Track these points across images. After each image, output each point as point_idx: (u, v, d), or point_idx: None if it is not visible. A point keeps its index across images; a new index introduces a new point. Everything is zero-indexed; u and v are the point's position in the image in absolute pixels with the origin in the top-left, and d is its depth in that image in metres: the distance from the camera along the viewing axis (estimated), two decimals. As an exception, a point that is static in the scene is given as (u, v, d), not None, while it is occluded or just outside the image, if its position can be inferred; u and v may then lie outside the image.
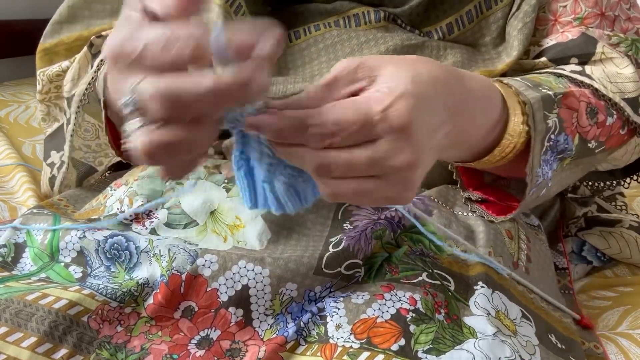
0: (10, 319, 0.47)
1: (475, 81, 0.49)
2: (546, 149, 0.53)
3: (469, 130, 0.48)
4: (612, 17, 0.64)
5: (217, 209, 0.57)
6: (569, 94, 0.56)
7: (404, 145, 0.38)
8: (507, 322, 0.51)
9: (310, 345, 0.49)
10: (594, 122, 0.58)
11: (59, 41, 0.72)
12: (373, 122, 0.37)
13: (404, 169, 0.38)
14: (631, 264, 0.77)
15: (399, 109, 0.37)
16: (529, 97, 0.52)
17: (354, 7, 0.65)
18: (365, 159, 0.37)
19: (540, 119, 0.52)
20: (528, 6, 0.62)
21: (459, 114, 0.44)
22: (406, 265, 0.53)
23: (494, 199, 0.60)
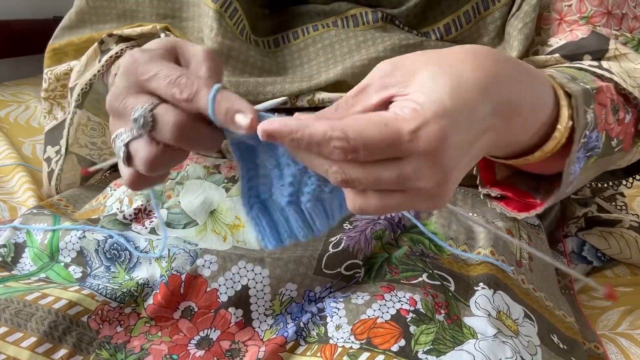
0: (10, 319, 0.47)
1: (534, 75, 0.45)
2: (581, 145, 0.49)
3: (522, 129, 0.44)
4: (619, 16, 0.64)
5: (216, 209, 0.57)
6: (600, 89, 0.53)
7: (431, 168, 0.35)
8: (509, 323, 0.51)
9: (310, 345, 0.49)
10: (616, 119, 0.55)
11: (69, 42, 0.73)
12: (401, 142, 0.34)
13: (431, 190, 0.36)
14: (631, 264, 0.77)
15: (429, 132, 0.34)
16: (573, 90, 0.48)
17: (351, 8, 0.65)
18: (390, 178, 0.35)
19: (582, 114, 0.48)
20: (528, 6, 0.61)
21: (510, 115, 0.40)
22: (406, 265, 0.53)
23: (512, 195, 0.58)
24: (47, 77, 0.74)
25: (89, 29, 0.72)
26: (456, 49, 0.40)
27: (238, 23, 0.64)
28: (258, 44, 0.66)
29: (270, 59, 0.65)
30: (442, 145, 0.34)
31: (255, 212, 0.40)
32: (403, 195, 0.37)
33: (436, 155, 0.35)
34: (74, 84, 0.67)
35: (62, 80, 0.73)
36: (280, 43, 0.66)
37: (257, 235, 0.41)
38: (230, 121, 0.38)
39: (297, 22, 0.66)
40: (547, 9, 0.64)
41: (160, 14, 0.69)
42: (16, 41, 1.42)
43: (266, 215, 0.40)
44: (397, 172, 0.35)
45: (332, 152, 0.35)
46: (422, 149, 0.34)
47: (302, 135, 0.35)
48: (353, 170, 0.35)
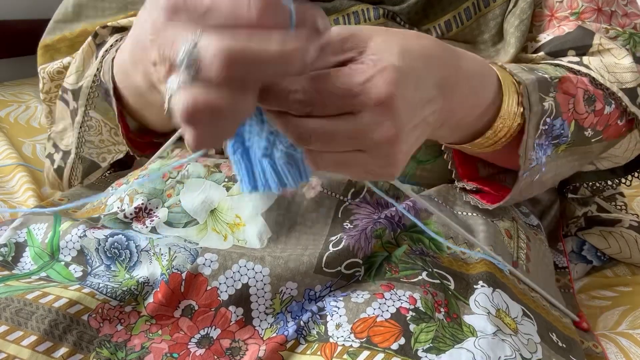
0: (11, 318, 0.47)
1: (471, 60, 0.48)
2: (541, 132, 0.53)
3: (461, 109, 0.47)
4: (608, 13, 0.65)
5: (217, 208, 0.57)
6: (565, 78, 0.56)
7: (384, 120, 0.37)
8: (508, 321, 0.51)
9: (310, 344, 0.49)
10: (592, 109, 0.57)
11: (62, 37, 0.72)
12: (353, 93, 0.36)
13: (384, 143, 0.38)
14: (631, 263, 0.77)
15: (380, 82, 0.36)
16: (523, 78, 0.52)
17: (353, 5, 0.66)
18: (345, 130, 0.37)
19: (536, 101, 0.52)
20: (525, 3, 0.62)
21: (450, 92, 0.44)
22: (406, 264, 0.53)
23: (488, 189, 0.59)
24: (41, 76, 0.73)
25: (84, 23, 0.71)
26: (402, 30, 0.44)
27: None
28: None
29: None
30: (393, 94, 0.37)
31: (237, 156, 0.41)
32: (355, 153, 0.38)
33: (387, 105, 0.37)
34: (77, 87, 0.67)
35: (57, 80, 0.72)
36: None
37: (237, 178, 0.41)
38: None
39: None
40: (540, 6, 0.65)
41: None
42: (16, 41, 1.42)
43: (246, 161, 0.41)
44: (352, 123, 0.37)
45: (291, 105, 0.36)
46: (374, 97, 0.36)
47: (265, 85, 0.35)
48: (309, 122, 0.37)
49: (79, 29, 0.71)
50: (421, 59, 0.40)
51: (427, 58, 0.41)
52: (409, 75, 0.38)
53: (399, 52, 0.38)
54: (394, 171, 0.41)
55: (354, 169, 0.40)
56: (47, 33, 0.73)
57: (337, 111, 0.37)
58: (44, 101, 0.75)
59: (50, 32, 0.73)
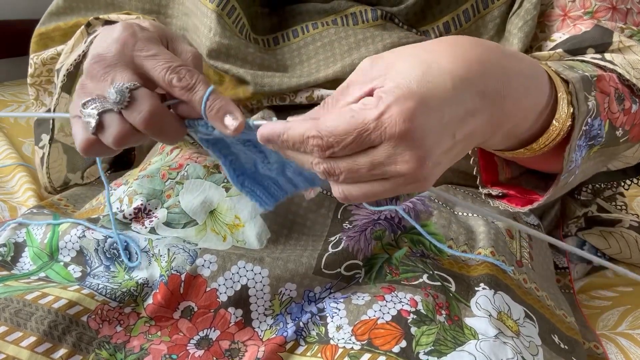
0: (10, 318, 0.47)
1: (520, 60, 0.45)
2: (582, 132, 0.50)
3: (515, 114, 0.44)
4: (624, 11, 0.64)
5: (216, 209, 0.57)
6: (601, 77, 0.54)
7: (404, 151, 0.36)
8: (510, 323, 0.51)
9: (310, 345, 0.49)
10: (621, 108, 0.55)
11: (56, 26, 0.72)
12: (368, 130, 0.35)
13: (408, 173, 0.37)
14: (631, 264, 0.77)
15: (395, 115, 0.35)
16: (570, 77, 0.49)
17: (351, 6, 0.65)
18: (365, 165, 0.37)
19: (582, 100, 0.49)
20: (530, 4, 0.61)
21: (500, 97, 0.41)
22: (406, 266, 0.53)
23: (514, 193, 0.57)
24: (33, 62, 0.73)
25: (76, 17, 0.71)
26: (436, 40, 0.41)
27: (237, 21, 0.63)
28: (258, 42, 0.66)
29: (270, 56, 0.65)
30: (410, 126, 0.35)
31: (248, 187, 0.44)
32: (385, 182, 0.38)
33: (405, 137, 0.36)
34: (60, 66, 0.67)
35: (49, 65, 0.73)
36: (280, 41, 0.66)
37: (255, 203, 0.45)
38: (220, 120, 0.41)
39: (297, 20, 0.66)
40: (551, 6, 0.64)
41: (146, 9, 0.69)
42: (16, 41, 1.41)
43: (257, 185, 0.44)
44: (370, 159, 0.36)
45: (311, 150, 0.37)
46: (389, 132, 0.35)
47: (286, 137, 0.37)
48: (334, 163, 0.37)
49: (73, 21, 0.71)
50: (450, 74, 0.38)
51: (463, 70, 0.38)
52: (432, 96, 0.36)
53: (419, 73, 0.37)
54: (426, 186, 0.39)
55: (383, 196, 0.39)
56: (42, 23, 0.74)
57: (358, 149, 0.36)
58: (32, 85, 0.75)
59: (45, 22, 0.73)
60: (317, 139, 0.36)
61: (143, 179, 0.61)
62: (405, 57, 0.38)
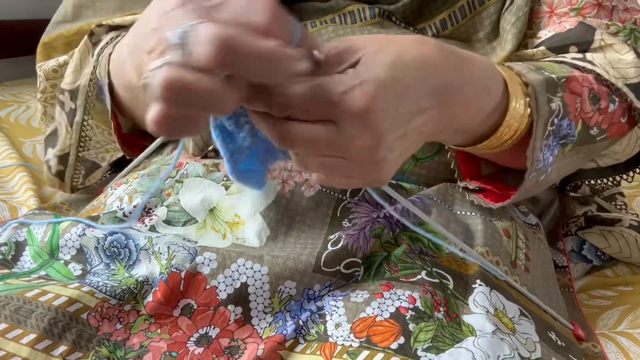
0: (10, 316, 0.47)
1: (475, 64, 0.47)
2: (549, 133, 0.52)
3: (463, 115, 0.47)
4: (609, 7, 0.64)
5: (216, 207, 0.57)
6: (572, 78, 0.55)
7: (361, 131, 0.37)
8: (506, 321, 0.51)
9: (309, 343, 0.49)
10: (597, 108, 0.57)
11: (58, 35, 0.72)
12: (332, 102, 0.37)
13: (363, 153, 0.38)
14: (631, 263, 0.77)
15: (358, 94, 0.37)
16: (531, 79, 0.51)
17: (349, 5, 0.66)
18: (324, 137, 0.37)
19: (544, 102, 0.51)
20: (521, 0, 0.62)
21: (449, 100, 0.43)
22: (405, 264, 0.53)
23: (491, 188, 0.59)
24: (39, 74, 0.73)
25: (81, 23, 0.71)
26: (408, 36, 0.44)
27: None
28: None
29: None
30: (369, 107, 0.37)
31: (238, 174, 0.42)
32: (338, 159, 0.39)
33: (364, 116, 0.37)
34: (74, 86, 0.67)
35: (52, 80, 0.73)
36: None
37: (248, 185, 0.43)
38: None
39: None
40: (538, 2, 0.65)
41: None
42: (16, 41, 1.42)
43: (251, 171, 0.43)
44: (329, 132, 0.37)
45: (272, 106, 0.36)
46: (349, 108, 0.37)
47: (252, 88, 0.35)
48: (292, 126, 0.37)
49: (75, 28, 0.71)
50: (413, 69, 0.40)
51: (423, 68, 0.41)
52: (394, 87, 0.38)
53: (389, 64, 0.38)
54: (381, 179, 0.41)
55: (339, 174, 0.40)
56: (46, 32, 0.73)
57: (316, 117, 0.37)
58: (40, 100, 0.75)
59: (49, 31, 0.73)
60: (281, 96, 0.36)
61: (143, 177, 0.61)
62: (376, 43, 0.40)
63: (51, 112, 0.75)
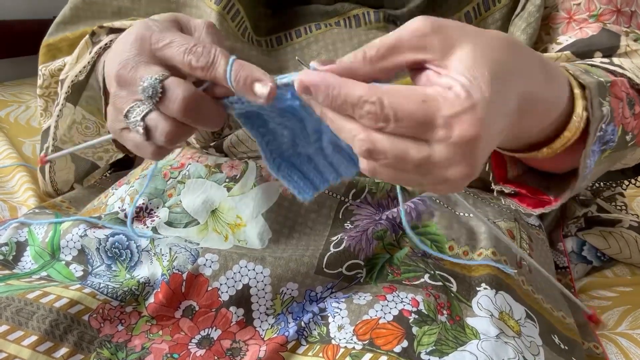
0: (11, 317, 0.47)
1: (555, 71, 0.45)
2: (596, 138, 0.48)
3: (535, 123, 0.44)
4: (628, 13, 0.64)
5: (218, 208, 0.57)
6: (615, 82, 0.52)
7: (462, 159, 0.34)
8: (512, 323, 0.51)
9: (311, 345, 0.49)
10: (632, 113, 0.54)
11: (63, 37, 0.72)
12: (436, 124, 0.33)
13: (454, 180, 0.35)
14: (631, 264, 0.77)
15: (468, 121, 0.33)
16: (587, 82, 0.47)
17: (354, 8, 0.65)
18: (417, 159, 0.34)
19: (597, 106, 0.48)
20: (533, 6, 0.61)
21: (529, 108, 0.40)
22: (408, 266, 0.53)
23: (525, 192, 0.55)
24: (42, 73, 0.73)
25: (83, 26, 0.71)
26: (493, 32, 0.38)
27: (240, 24, 0.64)
28: (260, 44, 0.66)
29: (272, 58, 0.65)
30: (478, 137, 0.33)
31: (284, 170, 0.41)
32: (423, 178, 0.36)
33: (469, 147, 0.34)
34: (65, 76, 0.67)
35: (57, 77, 0.73)
36: (283, 41, 0.66)
37: (293, 191, 0.42)
38: (249, 90, 0.38)
39: (301, 21, 0.66)
40: (555, 9, 0.64)
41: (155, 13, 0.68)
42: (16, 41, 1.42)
43: (295, 169, 0.41)
44: (426, 154, 0.34)
45: (363, 115, 0.34)
46: (456, 136, 0.33)
47: (338, 93, 0.34)
48: (381, 140, 0.34)
49: (80, 31, 0.71)
50: (511, 81, 0.36)
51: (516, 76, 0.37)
52: (496, 105, 0.35)
53: (490, 76, 0.34)
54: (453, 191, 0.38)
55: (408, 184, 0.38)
56: (50, 34, 0.73)
57: (411, 134, 0.34)
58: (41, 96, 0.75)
59: (53, 33, 0.73)
60: (375, 107, 0.33)
61: (144, 178, 0.61)
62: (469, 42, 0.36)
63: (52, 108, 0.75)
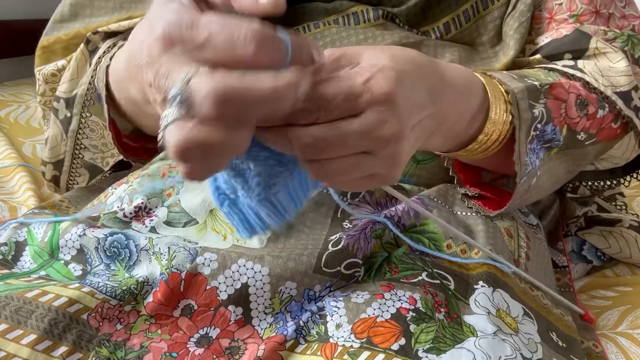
0: (10, 316, 0.47)
1: (453, 70, 0.49)
2: (532, 137, 0.54)
3: (451, 117, 0.48)
4: (606, 15, 0.65)
5: (216, 207, 0.57)
6: (556, 84, 0.57)
7: (389, 116, 0.38)
8: (509, 320, 0.51)
9: (310, 344, 0.49)
10: (584, 113, 0.59)
11: (57, 39, 0.72)
12: (357, 93, 0.37)
13: (391, 140, 0.39)
14: (631, 263, 0.77)
15: (380, 79, 0.38)
16: (512, 87, 0.53)
17: (353, 6, 0.66)
18: (353, 131, 0.37)
19: (525, 108, 0.53)
20: (524, 5, 0.62)
21: (439, 98, 0.45)
22: (406, 264, 0.53)
23: (490, 195, 0.60)
24: (37, 77, 0.73)
25: (79, 23, 0.71)
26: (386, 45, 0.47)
27: None
28: None
29: None
30: (394, 90, 0.38)
31: (226, 208, 0.40)
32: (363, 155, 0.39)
33: (390, 101, 0.38)
34: (71, 95, 0.66)
35: (51, 83, 0.72)
36: None
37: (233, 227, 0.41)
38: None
39: (299, 20, 0.66)
40: (539, 8, 0.65)
41: None
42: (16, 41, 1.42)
43: (237, 210, 0.40)
44: (359, 124, 0.37)
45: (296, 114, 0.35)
46: (377, 93, 0.37)
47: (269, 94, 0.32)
48: (316, 130, 0.36)
49: (73, 31, 0.71)
50: (410, 64, 0.41)
51: (416, 65, 0.42)
52: (404, 75, 0.40)
53: (391, 58, 0.40)
54: (398, 171, 0.42)
55: (361, 172, 0.40)
56: (45, 34, 0.73)
57: (343, 114, 0.37)
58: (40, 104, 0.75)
59: (48, 32, 0.73)
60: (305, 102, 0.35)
61: (143, 177, 0.61)
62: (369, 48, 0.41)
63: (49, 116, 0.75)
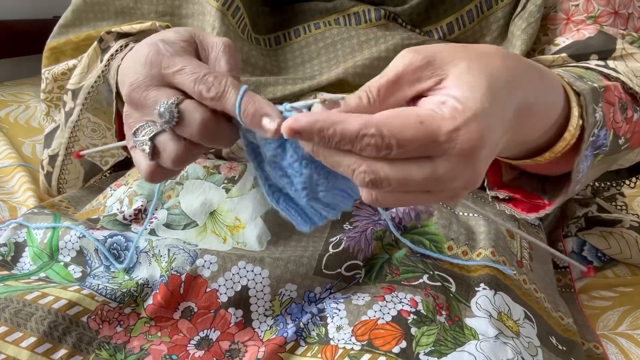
0: (10, 319, 0.47)
1: (550, 79, 0.45)
2: (589, 143, 0.50)
3: (533, 131, 0.45)
4: (625, 15, 0.64)
5: (216, 210, 0.57)
6: (608, 87, 0.54)
7: (466, 169, 0.35)
8: (510, 323, 0.51)
9: (310, 346, 0.49)
10: (624, 117, 0.55)
11: (67, 40, 0.72)
12: (439, 142, 0.33)
13: (459, 189, 0.36)
14: (631, 264, 0.77)
15: (470, 132, 0.34)
16: (581, 88, 0.49)
17: (354, 6, 0.65)
18: (422, 178, 0.34)
19: (591, 112, 0.49)
20: (534, 6, 0.61)
21: (528, 117, 0.41)
22: (407, 267, 0.53)
23: (520, 197, 0.57)
24: (45, 77, 0.73)
25: (86, 27, 0.71)
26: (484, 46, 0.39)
27: (240, 21, 0.63)
28: (259, 42, 0.66)
29: (271, 58, 0.65)
30: (480, 146, 0.34)
31: (282, 204, 0.41)
32: (428, 195, 0.36)
33: (472, 157, 0.34)
34: (78, 86, 0.67)
35: (59, 81, 0.73)
36: (282, 41, 0.66)
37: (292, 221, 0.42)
38: (257, 124, 0.38)
39: (299, 19, 0.66)
40: (554, 9, 0.64)
41: (159, 11, 0.68)
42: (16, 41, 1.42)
43: (294, 204, 0.41)
44: (430, 172, 0.34)
45: (364, 148, 0.34)
46: (459, 149, 0.34)
47: (334, 132, 0.34)
48: (382, 168, 0.34)
49: (84, 34, 0.71)
50: (506, 92, 0.37)
51: (511, 88, 0.38)
52: (495, 115, 0.35)
53: (487, 87, 0.35)
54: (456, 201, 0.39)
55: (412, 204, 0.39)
56: (53, 37, 0.73)
57: (413, 156, 0.34)
58: (44, 100, 0.75)
59: (56, 36, 0.73)
60: (376, 138, 0.33)
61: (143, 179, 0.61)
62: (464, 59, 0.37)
63: (54, 113, 0.75)
